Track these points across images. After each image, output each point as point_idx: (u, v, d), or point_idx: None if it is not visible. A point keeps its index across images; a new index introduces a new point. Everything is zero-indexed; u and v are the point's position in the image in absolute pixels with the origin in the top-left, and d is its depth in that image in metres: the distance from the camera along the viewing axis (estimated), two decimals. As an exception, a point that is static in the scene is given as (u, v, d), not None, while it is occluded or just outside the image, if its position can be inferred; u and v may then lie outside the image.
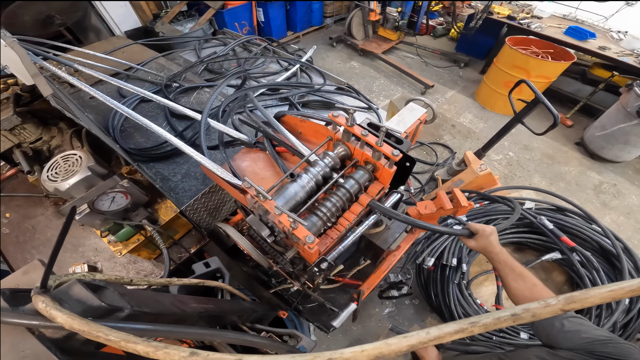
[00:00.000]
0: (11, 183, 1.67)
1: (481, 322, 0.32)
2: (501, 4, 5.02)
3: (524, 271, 0.96)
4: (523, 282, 0.94)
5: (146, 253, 1.46)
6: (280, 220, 0.84)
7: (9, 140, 1.49)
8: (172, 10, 4.38)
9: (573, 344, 0.74)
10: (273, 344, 0.82)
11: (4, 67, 1.53)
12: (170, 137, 1.19)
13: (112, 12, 4.06)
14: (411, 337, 0.32)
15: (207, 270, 1.07)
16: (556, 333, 0.80)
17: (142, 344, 0.37)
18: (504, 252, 1.03)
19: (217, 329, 1.01)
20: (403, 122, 2.03)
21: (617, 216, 3.32)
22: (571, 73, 4.43)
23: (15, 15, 2.68)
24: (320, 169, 1.01)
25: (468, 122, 4.42)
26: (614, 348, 0.69)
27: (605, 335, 0.73)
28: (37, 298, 0.43)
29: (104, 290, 0.54)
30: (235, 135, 1.27)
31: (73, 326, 0.39)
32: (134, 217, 1.37)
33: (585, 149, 3.97)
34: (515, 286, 0.95)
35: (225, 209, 1.56)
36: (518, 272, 0.97)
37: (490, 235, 1.05)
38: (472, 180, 2.77)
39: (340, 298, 1.70)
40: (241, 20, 5.01)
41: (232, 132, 1.28)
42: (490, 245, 1.04)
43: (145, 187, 1.47)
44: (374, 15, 5.30)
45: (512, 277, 0.97)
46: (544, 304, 0.32)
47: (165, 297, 0.76)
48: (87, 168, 1.29)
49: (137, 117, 1.28)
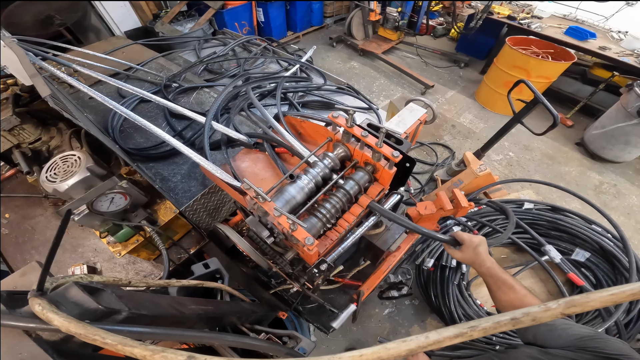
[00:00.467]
0: (10, 183, 1.66)
1: (480, 326, 0.32)
2: (501, 4, 5.01)
3: (514, 282, 0.90)
4: (514, 294, 0.88)
5: (145, 254, 1.46)
6: (279, 222, 0.84)
7: (8, 140, 1.49)
8: (172, 10, 4.38)
9: (563, 342, 0.74)
10: (271, 346, 0.81)
11: (4, 67, 1.53)
12: (169, 138, 1.19)
13: (112, 12, 4.06)
14: (410, 341, 0.32)
15: (206, 271, 1.07)
16: (544, 332, 0.79)
17: (139, 348, 0.37)
18: (493, 265, 0.95)
19: (216, 330, 1.01)
20: (403, 122, 2.02)
21: (618, 216, 3.31)
22: (571, 73, 4.42)
23: (15, 15, 2.68)
24: (319, 170, 1.01)
25: (468, 122, 4.42)
26: (603, 343, 0.69)
27: (592, 332, 0.74)
28: (34, 301, 0.43)
29: (101, 292, 0.54)
30: (234, 136, 1.27)
31: (69, 329, 0.39)
32: (133, 218, 1.36)
33: (585, 149, 3.96)
34: (507, 299, 0.89)
35: (225, 209, 1.56)
36: (509, 285, 0.90)
37: (478, 247, 0.97)
38: (472, 180, 2.77)
39: (340, 299, 1.70)
40: (241, 20, 5.01)
41: (232, 132, 1.28)
42: (477, 258, 0.96)
43: (145, 188, 1.47)
44: (374, 15, 5.30)
45: (503, 290, 0.90)
46: (544, 307, 0.32)
47: (164, 299, 0.76)
48: (86, 169, 1.28)
49: (135, 117, 1.27)
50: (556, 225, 2.38)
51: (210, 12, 4.45)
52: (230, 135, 1.27)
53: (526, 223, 2.50)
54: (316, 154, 1.09)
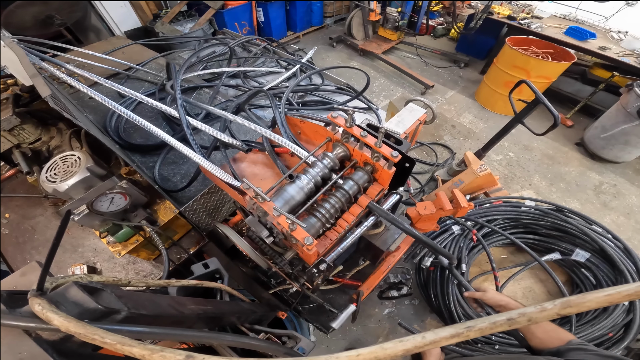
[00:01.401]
0: (10, 183, 1.66)
1: (477, 327, 0.32)
2: (501, 4, 5.01)
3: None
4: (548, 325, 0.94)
5: (145, 254, 1.46)
6: (278, 222, 0.84)
7: (8, 140, 1.49)
8: (172, 10, 4.38)
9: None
10: (271, 346, 0.82)
11: (4, 67, 1.53)
12: (168, 138, 1.19)
13: (112, 12, 4.07)
14: (407, 341, 0.32)
15: (206, 271, 1.07)
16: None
17: (138, 347, 0.37)
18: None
19: (215, 330, 1.01)
20: (403, 122, 2.02)
21: (617, 216, 3.32)
22: (571, 73, 4.43)
23: (15, 15, 2.68)
24: (319, 170, 1.01)
25: (468, 122, 4.42)
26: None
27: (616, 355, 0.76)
28: (34, 300, 0.43)
29: (100, 292, 0.54)
30: (227, 141, 1.24)
31: (69, 329, 0.39)
32: (133, 218, 1.36)
33: (585, 150, 3.97)
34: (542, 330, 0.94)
35: (225, 210, 1.56)
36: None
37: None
38: (472, 180, 2.77)
39: (339, 299, 1.70)
40: (241, 20, 5.01)
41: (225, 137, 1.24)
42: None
43: (144, 188, 1.47)
44: (374, 15, 5.30)
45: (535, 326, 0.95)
46: (540, 308, 0.32)
47: (163, 299, 0.76)
48: (86, 169, 1.28)
49: (135, 117, 1.27)
50: (557, 225, 2.38)
51: (210, 12, 4.45)
52: (223, 139, 1.24)
53: (526, 223, 2.51)
54: (315, 154, 1.09)
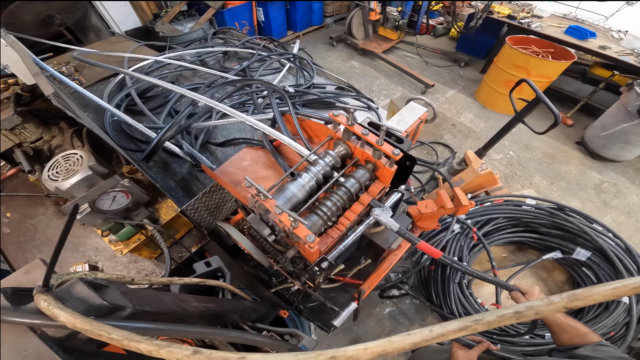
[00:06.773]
0: (12, 183, 1.66)
1: (484, 320, 0.32)
2: (501, 4, 5.01)
3: (577, 324, 0.94)
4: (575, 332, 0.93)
5: (147, 252, 1.46)
6: (280, 220, 0.84)
7: (10, 139, 1.49)
8: (172, 10, 4.37)
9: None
10: (274, 343, 0.82)
11: (5, 66, 1.53)
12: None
13: (112, 12, 4.06)
14: (414, 334, 0.32)
15: (208, 270, 1.07)
16: None
17: (145, 343, 0.37)
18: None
19: (218, 328, 1.01)
20: (403, 121, 2.02)
21: (618, 215, 3.32)
22: (571, 72, 4.42)
23: (15, 15, 2.68)
24: (320, 168, 1.01)
25: (468, 121, 4.42)
26: None
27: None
28: (40, 297, 0.43)
29: (106, 289, 0.54)
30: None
31: (75, 325, 0.39)
32: (134, 217, 1.36)
33: (585, 148, 3.97)
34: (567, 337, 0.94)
35: (226, 208, 1.56)
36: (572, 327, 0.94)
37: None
38: (473, 179, 2.77)
39: (341, 297, 1.70)
40: (241, 20, 5.01)
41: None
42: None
43: (146, 187, 1.47)
44: (374, 14, 5.30)
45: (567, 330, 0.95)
46: (547, 301, 0.32)
47: (167, 296, 0.76)
48: (87, 167, 1.28)
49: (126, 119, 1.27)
50: (557, 224, 2.38)
51: (210, 11, 4.45)
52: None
53: (527, 222, 2.51)
54: (317, 152, 1.09)
